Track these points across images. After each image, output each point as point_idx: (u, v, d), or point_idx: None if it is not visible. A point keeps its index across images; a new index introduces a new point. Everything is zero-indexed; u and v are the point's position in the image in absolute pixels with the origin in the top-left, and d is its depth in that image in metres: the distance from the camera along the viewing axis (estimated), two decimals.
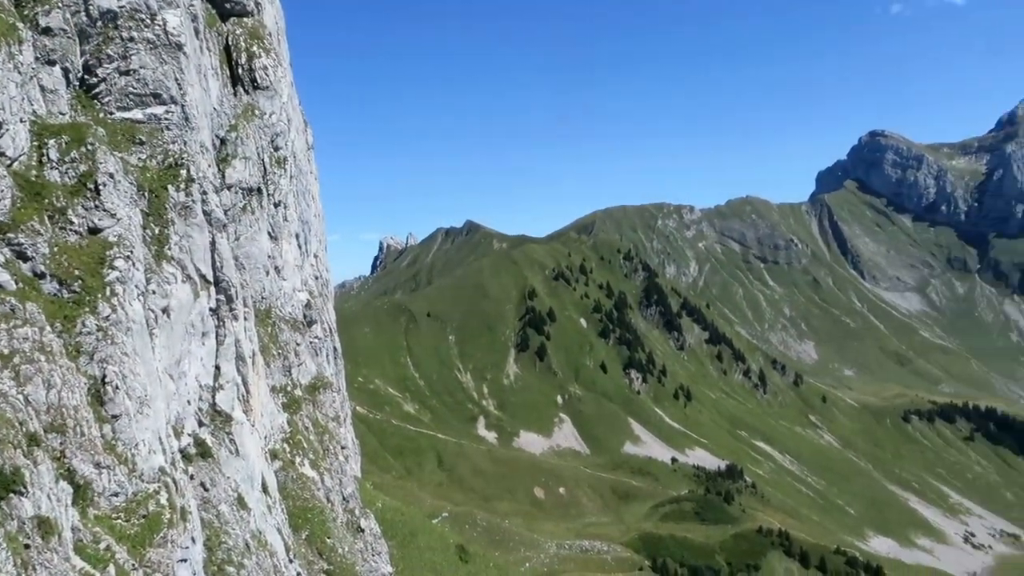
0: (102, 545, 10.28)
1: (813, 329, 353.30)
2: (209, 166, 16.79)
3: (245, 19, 23.23)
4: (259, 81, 22.75)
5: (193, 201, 14.96)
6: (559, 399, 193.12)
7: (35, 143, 12.97)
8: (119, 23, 14.89)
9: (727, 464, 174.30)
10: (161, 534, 11.21)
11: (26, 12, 13.91)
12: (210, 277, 15.43)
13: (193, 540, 11.99)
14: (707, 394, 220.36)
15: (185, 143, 15.36)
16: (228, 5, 22.85)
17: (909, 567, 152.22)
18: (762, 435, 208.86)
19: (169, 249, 14.09)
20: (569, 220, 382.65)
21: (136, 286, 12.57)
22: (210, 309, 15.31)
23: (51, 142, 12.96)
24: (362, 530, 23.80)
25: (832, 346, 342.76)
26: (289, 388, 22.92)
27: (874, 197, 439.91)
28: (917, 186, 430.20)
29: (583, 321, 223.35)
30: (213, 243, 15.64)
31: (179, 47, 15.50)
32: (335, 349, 29.56)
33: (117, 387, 11.49)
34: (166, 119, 15.14)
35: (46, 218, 12.24)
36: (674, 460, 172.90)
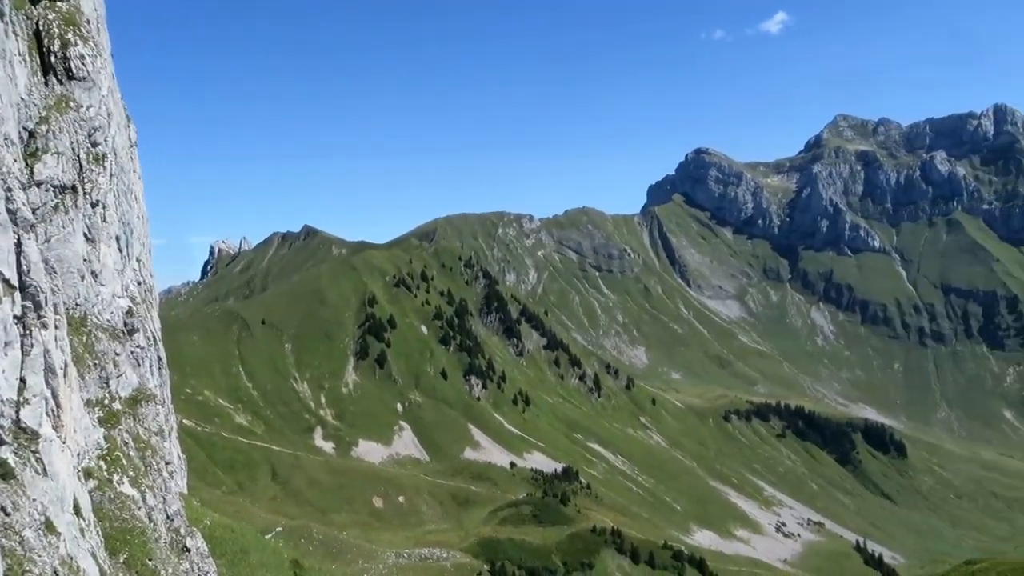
0: None
1: (644, 335, 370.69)
2: (15, 160, 15.37)
3: (59, 3, 21.45)
4: (75, 71, 21.07)
5: None
6: (399, 407, 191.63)
7: None
8: None
9: (563, 466, 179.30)
10: None
11: None
12: (15, 282, 14.10)
13: None
14: (545, 399, 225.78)
15: None
16: None
17: (729, 557, 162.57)
18: (596, 437, 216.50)
19: None
20: (410, 227, 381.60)
21: None
22: (14, 316, 14.00)
23: None
24: (188, 550, 22.49)
25: (661, 351, 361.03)
26: (107, 401, 21.31)
27: (699, 211, 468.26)
28: (737, 201, 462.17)
29: (424, 328, 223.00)
30: (19, 245, 14.32)
31: None
32: (160, 359, 27.80)
33: None
34: None
35: None
36: (513, 464, 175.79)
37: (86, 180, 21.33)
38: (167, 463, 23.91)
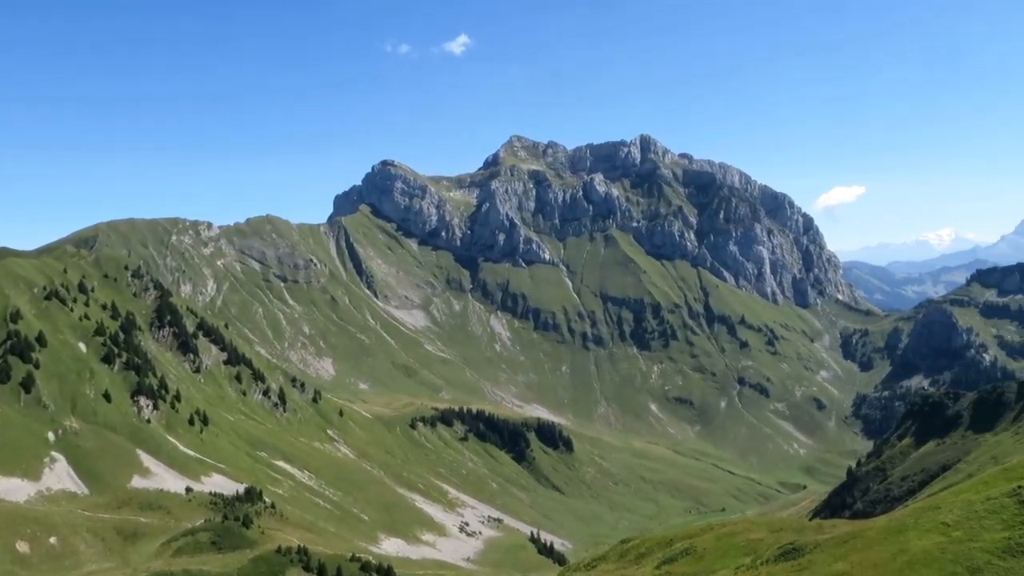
0: None
1: (331, 346, 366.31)
2: None
3: None
4: None
5: None
6: (51, 435, 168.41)
7: None
8: None
9: (246, 487, 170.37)
10: None
11: None
12: None
13: None
14: (225, 417, 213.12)
15: None
16: None
17: (415, 562, 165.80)
18: (282, 454, 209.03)
19: None
20: (65, 233, 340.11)
21: None
22: None
23: None
24: None
25: (349, 362, 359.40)
26: None
27: (385, 222, 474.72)
28: (422, 214, 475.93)
29: (82, 345, 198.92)
30: None
31: None
32: None
33: None
34: None
35: None
36: (189, 490, 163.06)
37: None
38: None
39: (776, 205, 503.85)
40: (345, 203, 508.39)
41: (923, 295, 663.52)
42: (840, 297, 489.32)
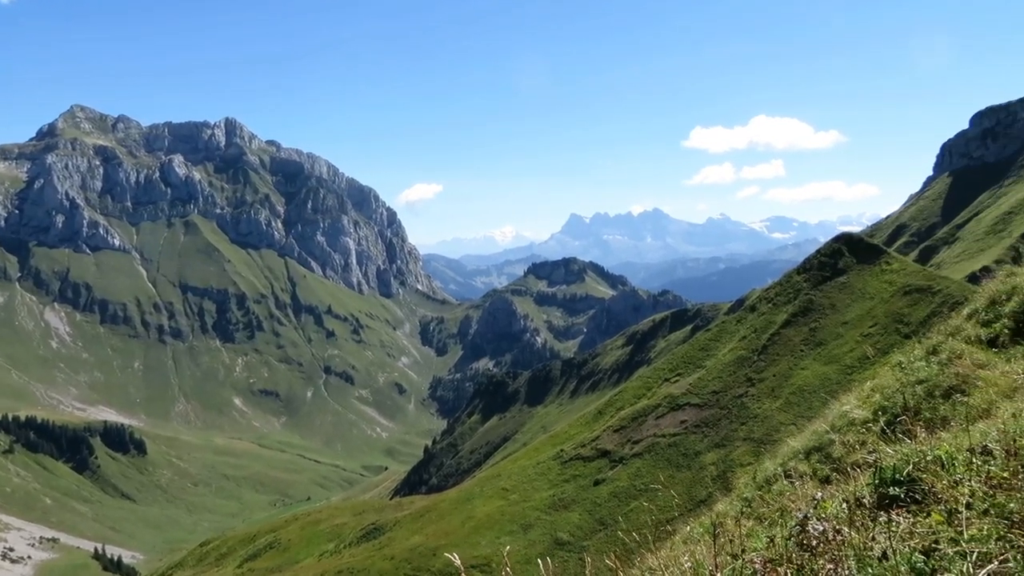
0: None
1: None
2: None
3: None
4: None
5: None
6: None
7: None
8: None
9: None
10: None
11: None
12: None
13: None
14: None
15: None
16: None
17: None
18: None
19: None
20: None
21: None
22: None
23: None
24: None
25: None
26: None
27: None
28: None
29: None
30: None
31: None
32: None
33: None
34: None
35: None
36: None
37: None
38: None
39: (362, 198, 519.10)
40: None
41: (490, 285, 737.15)
42: (420, 287, 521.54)
